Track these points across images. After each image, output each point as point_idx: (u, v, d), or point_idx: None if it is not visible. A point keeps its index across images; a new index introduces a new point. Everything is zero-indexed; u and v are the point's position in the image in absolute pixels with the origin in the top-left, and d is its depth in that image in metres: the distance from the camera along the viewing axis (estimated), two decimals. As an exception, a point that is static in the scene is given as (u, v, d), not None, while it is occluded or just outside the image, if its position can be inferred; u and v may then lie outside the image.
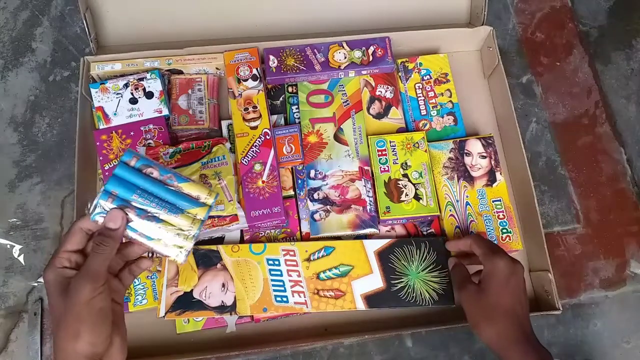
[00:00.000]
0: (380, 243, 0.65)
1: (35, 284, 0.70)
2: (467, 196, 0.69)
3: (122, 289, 0.48)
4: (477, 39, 0.79)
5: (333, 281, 0.63)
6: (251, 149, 0.68)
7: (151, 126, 0.70)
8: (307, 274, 0.63)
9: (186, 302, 0.62)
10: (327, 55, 0.74)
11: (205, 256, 0.64)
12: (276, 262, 0.63)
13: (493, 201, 0.69)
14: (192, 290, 0.62)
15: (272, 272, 0.63)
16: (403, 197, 0.68)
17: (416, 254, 0.65)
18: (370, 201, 0.68)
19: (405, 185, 0.68)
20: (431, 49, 0.80)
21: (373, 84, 0.75)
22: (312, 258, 0.64)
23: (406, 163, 0.69)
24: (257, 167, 0.67)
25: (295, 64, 0.73)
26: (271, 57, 0.74)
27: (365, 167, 0.70)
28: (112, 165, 0.68)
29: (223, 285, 0.63)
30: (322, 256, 0.64)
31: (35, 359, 0.66)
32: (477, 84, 0.80)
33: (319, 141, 0.71)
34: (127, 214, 0.46)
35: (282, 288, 0.63)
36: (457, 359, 0.68)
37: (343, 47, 0.75)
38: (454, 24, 0.80)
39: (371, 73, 0.75)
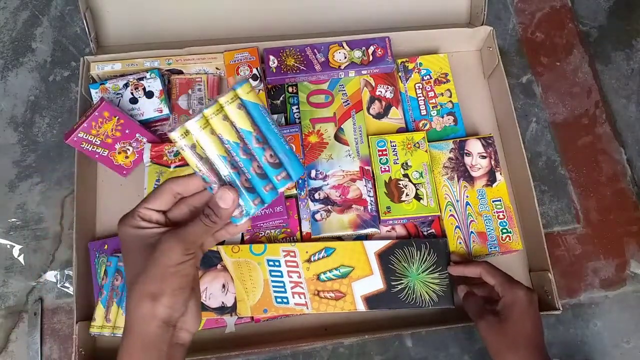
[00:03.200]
0: (381, 244, 0.65)
1: (35, 284, 0.70)
2: (467, 196, 0.69)
3: (202, 253, 0.45)
4: (477, 39, 0.79)
5: (333, 282, 0.63)
6: (251, 149, 0.68)
7: (144, 139, 0.70)
8: (308, 275, 0.63)
9: None
10: (327, 55, 0.74)
11: (206, 257, 0.64)
12: (277, 263, 0.63)
13: (493, 201, 0.69)
14: None
15: (273, 273, 0.63)
16: (404, 197, 0.68)
17: (416, 256, 0.65)
18: (371, 201, 0.68)
19: (406, 185, 0.68)
20: (431, 49, 0.80)
21: (373, 84, 0.75)
22: (312, 259, 0.64)
23: (407, 163, 0.69)
24: (258, 167, 0.67)
25: (296, 64, 0.73)
26: (271, 57, 0.73)
27: (366, 167, 0.70)
28: (84, 137, 0.65)
29: (223, 286, 0.63)
30: (323, 257, 0.64)
31: (36, 359, 0.66)
32: (477, 84, 0.80)
33: (319, 141, 0.71)
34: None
35: (283, 289, 0.62)
36: (457, 359, 0.68)
37: (343, 47, 0.75)
38: (454, 24, 0.80)
39: (371, 73, 0.75)
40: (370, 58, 0.74)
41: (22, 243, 0.72)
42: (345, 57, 0.74)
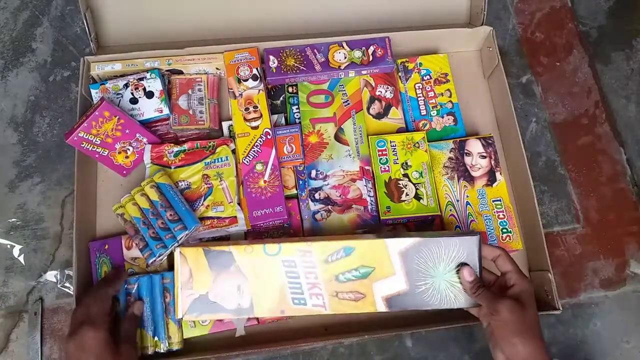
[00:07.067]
0: (405, 243, 0.59)
1: (35, 284, 0.70)
2: (467, 196, 0.69)
3: None
4: (477, 39, 0.79)
5: (353, 283, 0.59)
6: (252, 149, 0.68)
7: (144, 139, 0.70)
8: (326, 276, 0.59)
9: (203, 305, 0.59)
10: (327, 56, 0.74)
11: (218, 257, 0.60)
12: (292, 264, 0.59)
13: (493, 201, 0.69)
14: (207, 293, 0.60)
15: (289, 274, 0.59)
16: (403, 197, 0.68)
17: (444, 255, 0.59)
18: (372, 201, 0.68)
19: (406, 185, 0.68)
20: (431, 49, 0.80)
21: (373, 84, 0.75)
22: (330, 259, 0.59)
23: (406, 163, 0.70)
24: (259, 167, 0.67)
25: (296, 64, 0.73)
26: (271, 57, 0.74)
27: (366, 167, 0.70)
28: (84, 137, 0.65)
29: (238, 288, 0.60)
30: (341, 257, 0.59)
31: (36, 359, 0.66)
32: (477, 84, 0.80)
33: (319, 141, 0.71)
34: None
35: (300, 290, 0.59)
36: (457, 359, 0.68)
37: (343, 47, 0.75)
38: (453, 24, 0.80)
39: (371, 73, 0.75)
40: (370, 58, 0.74)
41: (22, 243, 0.72)
42: (345, 57, 0.74)
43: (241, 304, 0.59)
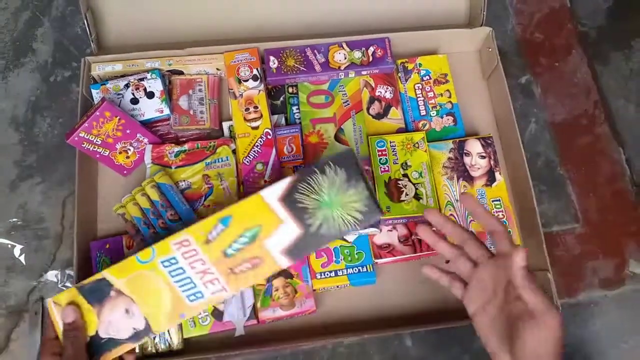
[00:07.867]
0: (281, 187, 0.55)
1: (36, 284, 0.70)
2: (466, 196, 0.69)
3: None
4: (476, 40, 0.80)
5: (244, 252, 0.54)
6: (253, 149, 0.68)
7: (145, 139, 0.71)
8: (213, 256, 0.54)
9: (96, 346, 0.54)
10: (327, 56, 0.74)
11: (94, 289, 0.55)
12: (173, 261, 0.55)
13: (492, 201, 0.69)
14: (97, 332, 0.55)
15: (173, 273, 0.55)
16: (403, 197, 0.68)
17: (323, 181, 0.54)
18: (371, 201, 0.68)
19: (406, 185, 0.68)
20: (430, 49, 0.80)
21: (373, 85, 0.76)
22: (210, 238, 0.54)
23: (406, 163, 0.70)
24: (259, 167, 0.68)
25: (296, 65, 0.74)
26: (271, 57, 0.74)
27: (366, 167, 0.70)
28: (87, 137, 0.65)
29: (127, 311, 0.55)
30: (221, 231, 0.54)
31: (37, 359, 0.66)
32: (477, 84, 0.80)
33: (319, 141, 0.71)
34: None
35: (191, 284, 0.54)
36: (457, 358, 0.68)
37: (343, 47, 0.75)
38: (453, 25, 0.80)
39: (371, 73, 0.76)
40: (370, 59, 0.74)
41: (23, 243, 0.72)
42: (345, 58, 0.74)
43: (136, 327, 0.55)
